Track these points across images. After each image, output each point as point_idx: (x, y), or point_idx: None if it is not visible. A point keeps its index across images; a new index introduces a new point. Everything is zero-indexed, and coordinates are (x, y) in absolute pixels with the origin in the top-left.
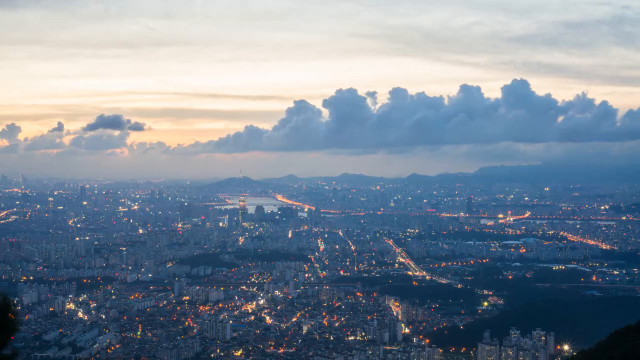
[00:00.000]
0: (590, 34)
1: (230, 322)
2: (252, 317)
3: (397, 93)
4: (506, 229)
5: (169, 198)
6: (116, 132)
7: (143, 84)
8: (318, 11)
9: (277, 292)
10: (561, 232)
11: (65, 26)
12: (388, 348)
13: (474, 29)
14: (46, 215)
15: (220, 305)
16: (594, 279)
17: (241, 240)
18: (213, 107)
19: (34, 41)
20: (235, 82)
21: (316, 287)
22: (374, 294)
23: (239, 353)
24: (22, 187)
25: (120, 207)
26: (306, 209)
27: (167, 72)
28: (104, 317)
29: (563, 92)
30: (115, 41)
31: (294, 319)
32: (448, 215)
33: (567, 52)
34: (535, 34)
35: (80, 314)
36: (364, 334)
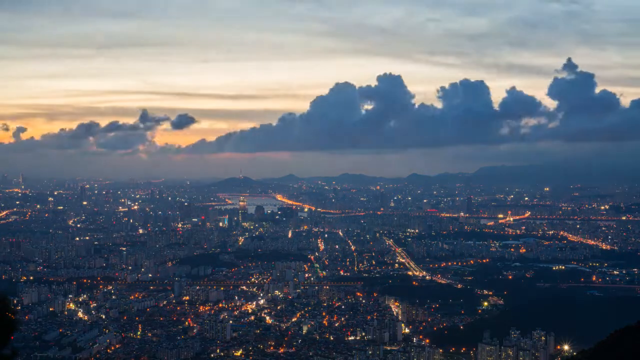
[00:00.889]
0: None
1: (230, 322)
2: (252, 317)
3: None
4: (506, 229)
5: (169, 198)
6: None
7: (123, 84)
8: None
9: (277, 292)
10: (561, 232)
11: (33, 27)
12: (388, 348)
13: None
14: (46, 215)
15: (220, 305)
16: (594, 279)
17: (241, 240)
18: (196, 107)
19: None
20: (215, 82)
21: (316, 287)
22: (374, 294)
23: (239, 353)
24: (22, 187)
25: (120, 207)
26: (306, 209)
27: (147, 72)
28: (104, 317)
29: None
30: (87, 41)
31: (294, 319)
32: (448, 215)
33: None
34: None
35: (80, 314)
36: (364, 334)
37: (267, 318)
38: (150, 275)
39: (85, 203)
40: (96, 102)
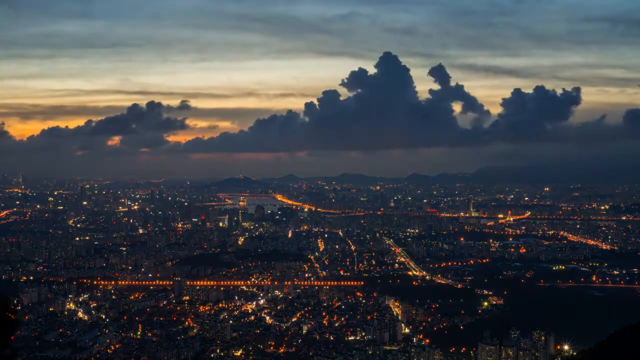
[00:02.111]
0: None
1: (230, 322)
2: (252, 317)
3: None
4: (506, 229)
5: (169, 198)
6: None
7: (108, 84)
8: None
9: (277, 292)
10: (561, 232)
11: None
12: (388, 348)
13: None
14: (46, 215)
15: (220, 305)
16: (594, 279)
17: (241, 240)
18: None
19: None
20: (199, 83)
21: (316, 287)
22: (374, 294)
23: (239, 353)
24: (22, 187)
25: (120, 207)
26: (306, 209)
27: (128, 72)
28: (104, 317)
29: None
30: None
31: (294, 319)
32: (448, 215)
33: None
34: None
35: (80, 314)
36: (364, 334)
37: (267, 318)
38: (150, 275)
39: (85, 203)
40: (67, 102)
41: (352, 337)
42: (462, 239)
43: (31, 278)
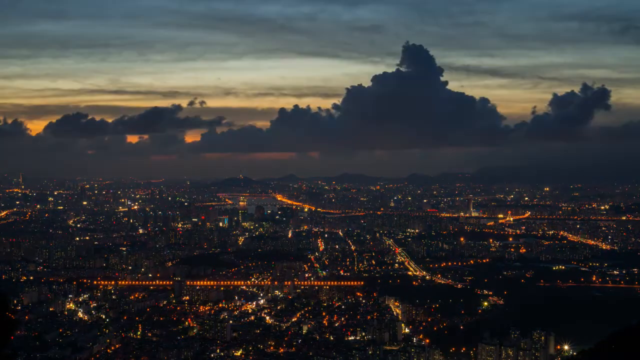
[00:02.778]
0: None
1: (230, 322)
2: (252, 317)
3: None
4: (506, 229)
5: (169, 198)
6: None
7: (95, 84)
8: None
9: (277, 292)
10: (561, 232)
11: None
12: (388, 348)
13: None
14: (46, 215)
15: (220, 305)
16: (594, 279)
17: (241, 240)
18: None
19: None
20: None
21: (316, 287)
22: (374, 294)
23: (239, 353)
24: (22, 187)
25: (120, 207)
26: (306, 209)
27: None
28: (104, 317)
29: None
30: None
31: (294, 319)
32: (448, 215)
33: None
34: None
35: (80, 314)
36: (364, 334)
37: (267, 318)
38: (150, 275)
39: (85, 203)
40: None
41: (352, 337)
42: (462, 239)
43: (31, 278)
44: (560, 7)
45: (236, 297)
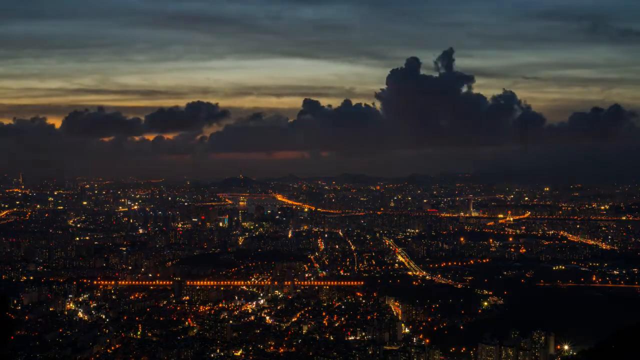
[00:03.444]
0: None
1: (230, 322)
2: (252, 317)
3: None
4: (506, 229)
5: (169, 198)
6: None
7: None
8: None
9: (277, 292)
10: (561, 232)
11: None
12: (388, 348)
13: None
14: (46, 215)
15: (220, 305)
16: (594, 279)
17: (241, 240)
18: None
19: None
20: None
21: (316, 287)
22: (374, 294)
23: (239, 353)
24: (22, 187)
25: (120, 207)
26: (306, 209)
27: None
28: (104, 317)
29: None
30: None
31: (294, 319)
32: (448, 215)
33: None
34: None
35: (80, 314)
36: (364, 334)
37: (267, 318)
38: (150, 275)
39: (85, 203)
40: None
41: (352, 337)
42: (462, 239)
43: (31, 278)
44: (528, 6)
45: (236, 297)
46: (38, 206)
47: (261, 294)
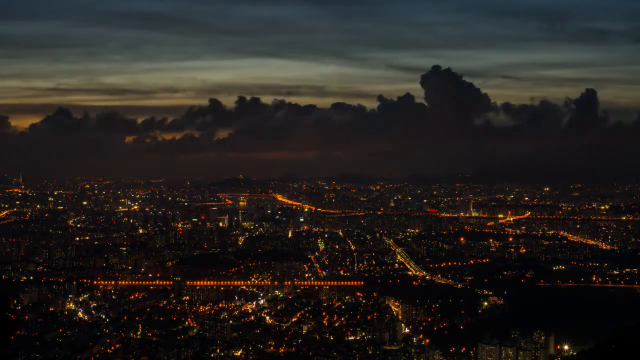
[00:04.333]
0: None
1: (230, 322)
2: (252, 317)
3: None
4: (506, 229)
5: (169, 198)
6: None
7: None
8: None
9: (277, 292)
10: (561, 232)
11: None
12: (388, 348)
13: None
14: (46, 215)
15: (220, 305)
16: (594, 279)
17: (241, 240)
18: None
19: None
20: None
21: (316, 287)
22: (374, 294)
23: (239, 353)
24: (22, 187)
25: (120, 207)
26: (306, 209)
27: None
28: (104, 317)
29: None
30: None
31: (294, 319)
32: (448, 215)
33: None
34: None
35: (80, 314)
36: (364, 334)
37: (267, 318)
38: (150, 275)
39: (85, 203)
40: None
41: (352, 337)
42: (462, 239)
43: (31, 278)
44: (484, 5)
45: (236, 297)
46: (38, 206)
47: (261, 294)
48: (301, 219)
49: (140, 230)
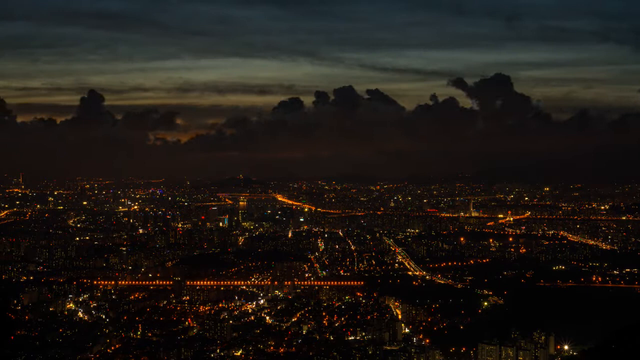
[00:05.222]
0: None
1: (230, 322)
2: (252, 317)
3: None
4: (506, 229)
5: (169, 198)
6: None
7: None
8: None
9: (277, 292)
10: (561, 232)
11: None
12: (388, 348)
13: None
14: (46, 215)
15: (220, 305)
16: (594, 279)
17: (241, 240)
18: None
19: None
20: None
21: (316, 287)
22: (374, 294)
23: (239, 353)
24: (22, 187)
25: (120, 207)
26: (306, 209)
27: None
28: (104, 317)
29: None
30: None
31: (294, 319)
32: (448, 215)
33: None
34: None
35: (80, 314)
36: (364, 334)
37: (267, 318)
38: (150, 275)
39: (85, 203)
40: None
41: (352, 337)
42: (462, 239)
43: (31, 278)
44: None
45: (236, 297)
46: (38, 206)
47: (261, 294)
48: (301, 219)
49: (140, 230)
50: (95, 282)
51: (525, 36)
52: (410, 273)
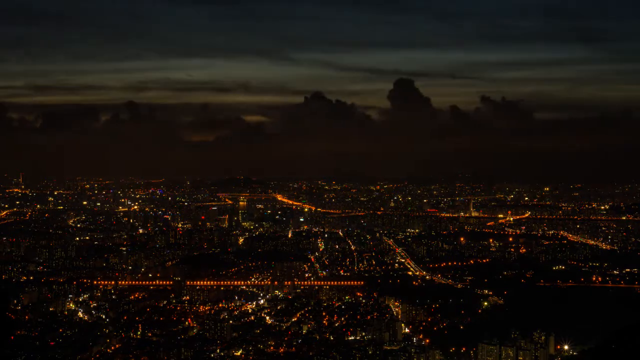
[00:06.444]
0: None
1: (230, 322)
2: (252, 317)
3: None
4: (506, 229)
5: (169, 198)
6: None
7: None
8: None
9: (277, 292)
10: (561, 232)
11: None
12: (388, 348)
13: None
14: (46, 215)
15: (220, 305)
16: (593, 279)
17: (241, 240)
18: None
19: None
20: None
21: (316, 287)
22: (374, 294)
23: (239, 353)
24: (22, 187)
25: (120, 207)
26: (306, 209)
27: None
28: (104, 317)
29: None
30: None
31: (294, 319)
32: (448, 215)
33: None
34: None
35: (80, 314)
36: (364, 334)
37: (267, 318)
38: (150, 275)
39: (85, 203)
40: None
41: (352, 337)
42: (462, 239)
43: (31, 278)
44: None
45: (236, 297)
46: (38, 206)
47: (261, 294)
48: (301, 219)
49: (140, 230)
50: (95, 282)
51: None
52: (410, 273)
